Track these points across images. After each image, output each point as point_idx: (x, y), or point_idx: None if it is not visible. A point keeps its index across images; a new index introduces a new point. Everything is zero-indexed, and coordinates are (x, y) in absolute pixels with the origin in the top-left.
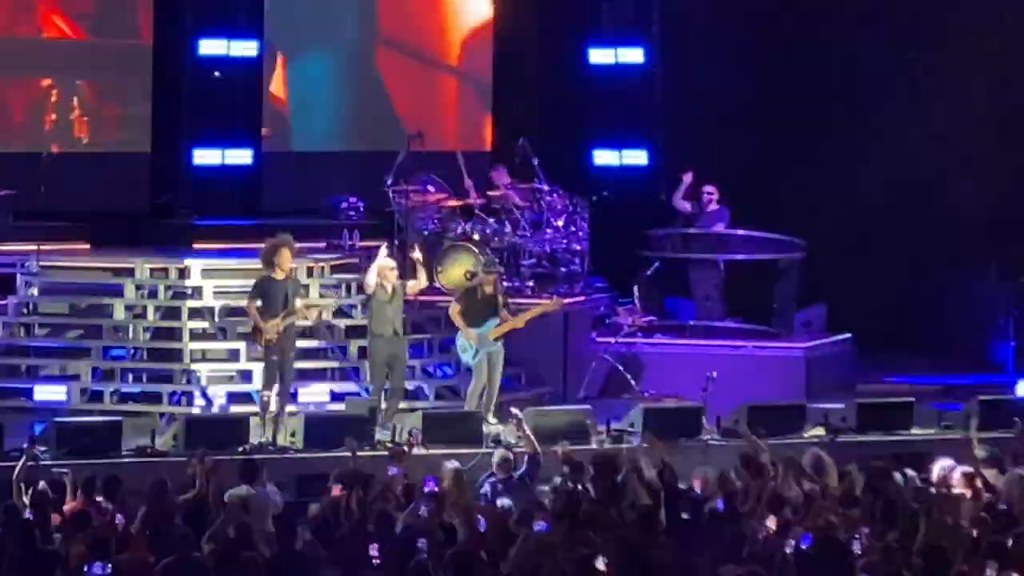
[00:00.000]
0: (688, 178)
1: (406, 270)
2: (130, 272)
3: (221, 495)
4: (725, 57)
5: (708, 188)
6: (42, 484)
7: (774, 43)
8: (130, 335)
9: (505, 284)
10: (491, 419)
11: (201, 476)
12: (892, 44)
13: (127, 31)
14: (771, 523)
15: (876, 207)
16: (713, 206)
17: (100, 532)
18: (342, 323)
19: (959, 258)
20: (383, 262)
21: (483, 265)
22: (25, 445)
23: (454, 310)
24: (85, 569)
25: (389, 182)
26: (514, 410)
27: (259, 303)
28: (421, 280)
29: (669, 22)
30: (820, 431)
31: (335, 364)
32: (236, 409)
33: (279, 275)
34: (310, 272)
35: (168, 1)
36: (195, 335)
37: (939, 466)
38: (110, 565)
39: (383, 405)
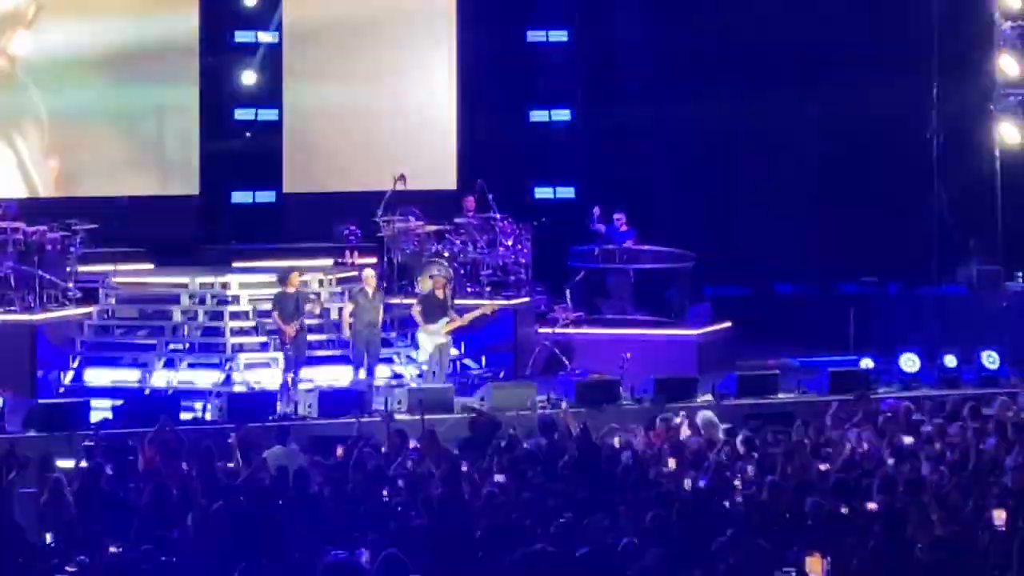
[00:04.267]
0: (596, 210)
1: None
2: (184, 286)
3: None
4: (631, 113)
5: (618, 215)
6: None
7: (667, 104)
8: (185, 333)
9: (468, 290)
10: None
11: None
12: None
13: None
14: (671, 464)
15: (750, 226)
16: (623, 227)
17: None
18: (346, 331)
19: (813, 265)
20: (367, 272)
21: (436, 271)
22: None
23: (415, 310)
24: None
25: (380, 213)
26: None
27: (278, 312)
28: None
29: (592, 88)
30: (709, 397)
31: (338, 352)
32: (266, 388)
33: (290, 290)
34: (321, 283)
35: (212, 78)
36: (235, 332)
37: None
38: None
39: (363, 375)
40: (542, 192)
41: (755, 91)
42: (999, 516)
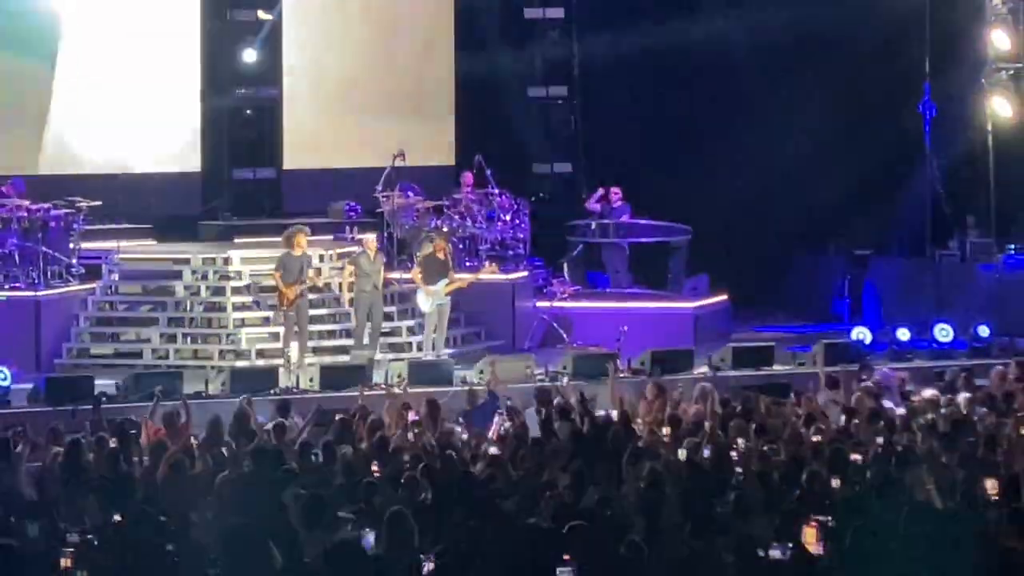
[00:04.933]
0: (601, 190)
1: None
2: (187, 261)
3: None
4: (627, 90)
5: (615, 189)
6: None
7: (663, 80)
8: (188, 308)
9: (467, 264)
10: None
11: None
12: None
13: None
14: (666, 432)
15: (746, 200)
16: (619, 203)
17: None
18: (346, 295)
19: (807, 237)
20: (368, 237)
21: (437, 235)
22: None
23: (415, 272)
24: None
25: (379, 189)
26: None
27: (281, 273)
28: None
29: (585, 67)
30: (705, 368)
31: (340, 326)
32: (268, 361)
33: (296, 252)
34: (321, 258)
35: (211, 62)
36: (237, 307)
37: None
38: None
39: (366, 340)
40: (540, 167)
41: (750, 65)
42: (991, 486)
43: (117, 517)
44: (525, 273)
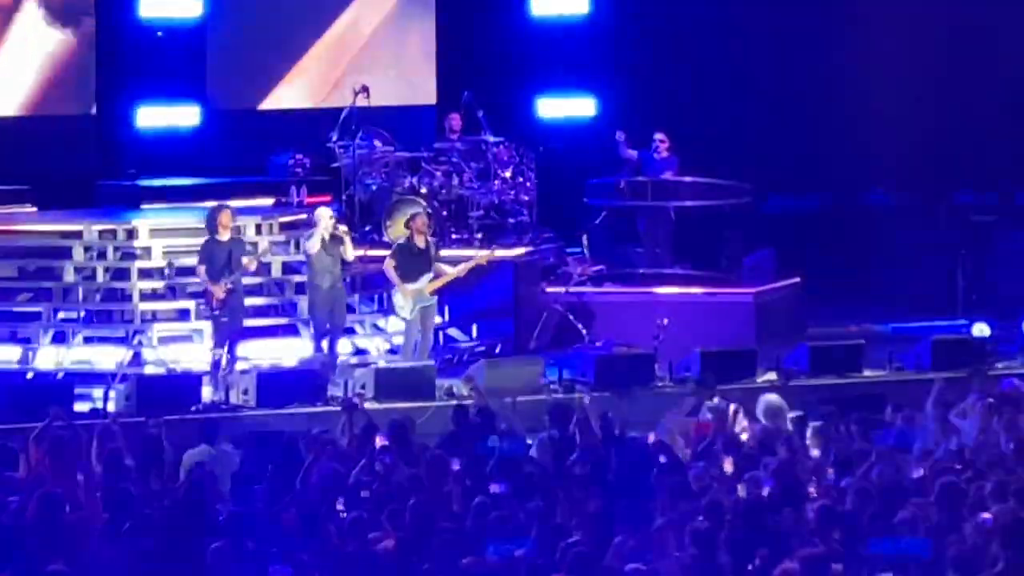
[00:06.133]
0: (621, 136)
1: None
2: (78, 234)
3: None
4: (667, 7)
5: (659, 135)
6: None
7: None
8: (80, 297)
9: (452, 236)
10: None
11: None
12: None
13: None
14: (728, 466)
15: (824, 150)
16: (663, 153)
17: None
18: (292, 279)
19: (907, 199)
20: (321, 211)
21: (412, 212)
22: None
23: (388, 265)
24: None
25: (335, 137)
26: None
27: (205, 266)
28: (348, 252)
29: None
30: (772, 376)
31: (284, 320)
32: (187, 369)
33: (223, 235)
34: (259, 230)
35: None
36: (145, 296)
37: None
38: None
39: (325, 348)
40: (549, 107)
41: None
42: None
43: None
44: (530, 248)
